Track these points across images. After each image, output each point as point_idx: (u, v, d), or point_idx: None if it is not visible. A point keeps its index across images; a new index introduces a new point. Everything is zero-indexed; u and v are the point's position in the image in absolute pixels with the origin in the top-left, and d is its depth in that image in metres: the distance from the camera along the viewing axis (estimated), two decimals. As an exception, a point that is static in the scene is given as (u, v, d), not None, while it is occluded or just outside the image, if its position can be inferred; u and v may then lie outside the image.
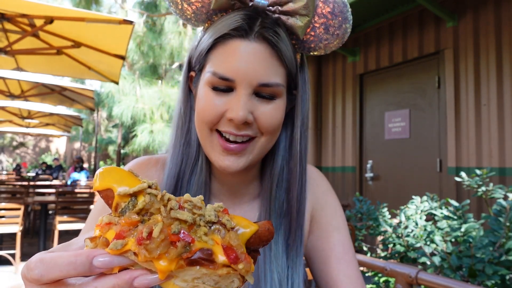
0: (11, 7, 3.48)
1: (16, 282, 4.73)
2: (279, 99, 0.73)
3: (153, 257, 0.35)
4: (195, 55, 0.77)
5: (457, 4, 4.44)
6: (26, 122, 10.06)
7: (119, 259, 0.36)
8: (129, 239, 0.36)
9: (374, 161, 5.47)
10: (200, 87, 0.74)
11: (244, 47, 0.68)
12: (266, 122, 0.71)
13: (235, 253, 0.39)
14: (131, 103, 10.87)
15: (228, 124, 0.70)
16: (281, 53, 0.70)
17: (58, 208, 5.45)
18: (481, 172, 2.99)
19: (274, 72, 0.70)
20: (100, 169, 0.42)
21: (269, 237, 0.43)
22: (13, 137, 25.86)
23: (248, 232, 0.42)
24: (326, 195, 0.90)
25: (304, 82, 0.80)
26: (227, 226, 0.41)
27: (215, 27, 0.72)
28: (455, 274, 2.31)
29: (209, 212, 0.41)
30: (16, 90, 6.69)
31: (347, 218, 3.76)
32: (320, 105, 6.56)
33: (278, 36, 0.70)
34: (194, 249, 0.37)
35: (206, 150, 0.74)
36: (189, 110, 0.81)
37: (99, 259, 0.36)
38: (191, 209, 0.40)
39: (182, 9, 0.77)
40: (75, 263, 0.36)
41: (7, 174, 14.46)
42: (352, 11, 0.84)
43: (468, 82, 4.27)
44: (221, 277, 0.38)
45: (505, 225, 2.32)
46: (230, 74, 0.68)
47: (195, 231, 0.39)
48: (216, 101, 0.70)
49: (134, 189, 0.39)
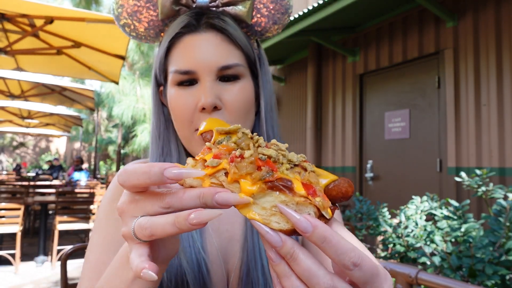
0: (11, 7, 3.48)
1: (16, 282, 4.73)
2: (244, 80, 0.75)
3: (241, 174, 0.40)
4: (157, 68, 0.80)
5: (457, 4, 4.44)
6: (26, 122, 10.06)
7: (188, 171, 0.41)
8: (224, 160, 0.42)
9: (374, 161, 5.47)
10: (168, 90, 0.77)
11: (196, 39, 0.73)
12: (234, 103, 0.73)
13: (313, 188, 0.41)
14: (131, 103, 10.88)
15: (202, 116, 0.72)
16: (232, 37, 0.74)
17: (58, 208, 5.45)
18: (481, 172, 2.99)
19: (231, 54, 0.73)
20: (206, 119, 0.51)
21: (348, 189, 0.43)
22: (13, 137, 25.86)
23: (327, 179, 0.44)
24: None
25: (263, 65, 0.83)
26: (308, 169, 0.43)
27: (166, 33, 0.77)
28: (455, 274, 2.31)
29: (292, 155, 0.44)
30: (16, 90, 6.70)
31: (347, 218, 3.76)
32: (320, 105, 6.56)
33: (224, 22, 0.74)
34: (276, 176, 0.41)
35: (193, 150, 0.76)
36: (163, 121, 0.83)
37: (171, 170, 0.40)
38: (276, 150, 0.44)
39: (135, 29, 0.81)
40: (149, 173, 0.40)
41: (7, 174, 14.46)
42: (352, 11, 0.84)
43: (468, 82, 4.26)
44: (298, 205, 0.40)
45: (505, 225, 2.32)
46: (190, 66, 0.72)
47: (278, 167, 0.42)
48: (185, 96, 0.73)
49: (230, 127, 0.46)
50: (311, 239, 0.38)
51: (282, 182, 0.40)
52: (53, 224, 5.42)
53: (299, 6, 7.04)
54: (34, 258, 5.59)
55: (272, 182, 0.40)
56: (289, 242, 0.39)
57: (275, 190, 0.40)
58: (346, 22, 5.52)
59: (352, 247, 0.38)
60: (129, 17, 0.80)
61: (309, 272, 0.38)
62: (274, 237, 0.39)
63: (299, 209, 0.40)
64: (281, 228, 0.40)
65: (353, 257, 0.38)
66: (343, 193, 0.43)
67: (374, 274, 0.39)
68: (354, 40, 5.90)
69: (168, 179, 0.40)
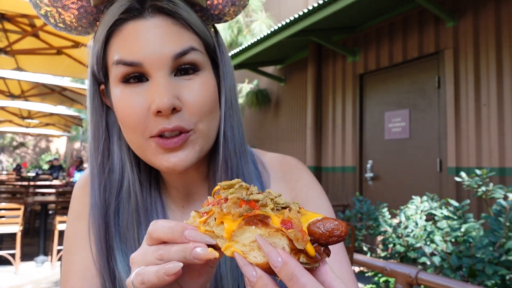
0: (11, 7, 3.48)
1: (16, 282, 4.73)
2: (204, 72, 0.63)
3: (224, 214, 0.43)
4: (94, 63, 0.66)
5: (457, 4, 4.44)
6: (26, 122, 10.06)
7: (201, 235, 0.44)
8: (214, 206, 0.45)
9: (374, 161, 5.47)
10: (112, 90, 0.64)
11: (141, 25, 0.60)
12: (196, 102, 0.61)
13: (290, 222, 0.41)
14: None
15: (158, 120, 0.59)
16: (185, 21, 0.62)
17: (58, 208, 5.45)
18: (481, 172, 2.99)
19: (184, 38, 0.61)
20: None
21: (341, 230, 0.39)
22: (13, 137, 25.86)
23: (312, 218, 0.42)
24: (308, 189, 0.78)
25: (223, 55, 0.71)
26: (292, 208, 0.43)
27: (103, 21, 0.62)
28: (455, 274, 2.31)
29: (280, 199, 0.45)
30: (16, 90, 6.70)
31: (347, 218, 3.76)
32: (320, 105, 6.57)
33: (174, 4, 0.61)
34: (255, 212, 0.42)
35: (149, 159, 0.64)
36: (104, 127, 0.69)
37: (189, 232, 0.43)
38: (266, 195, 0.45)
39: (61, 17, 0.66)
40: (173, 229, 0.44)
41: (7, 174, 14.46)
42: (352, 11, 0.81)
43: (468, 82, 4.27)
44: (270, 236, 0.40)
45: (505, 225, 2.32)
46: (136, 57, 0.59)
47: (261, 209, 0.43)
48: (134, 96, 0.60)
49: (232, 181, 0.47)
50: (280, 274, 0.38)
51: (259, 217, 0.41)
52: (53, 224, 5.43)
53: (299, 6, 7.05)
54: (34, 258, 5.59)
55: (250, 217, 0.41)
56: (264, 278, 0.39)
57: (252, 225, 0.41)
58: (346, 22, 5.52)
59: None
60: (51, 3, 0.64)
61: None
62: (250, 270, 0.39)
63: (272, 242, 0.40)
64: (257, 262, 0.40)
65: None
66: (335, 235, 0.39)
67: None
68: (354, 40, 5.90)
69: (185, 237, 0.44)
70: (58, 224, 5.28)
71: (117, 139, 0.70)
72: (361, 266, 3.15)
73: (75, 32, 0.69)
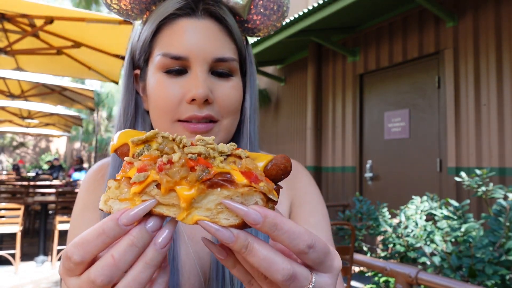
0: (11, 7, 3.48)
1: (16, 282, 4.73)
2: (236, 78, 0.71)
3: (175, 181, 0.37)
4: (138, 48, 0.72)
5: (457, 4, 4.44)
6: (26, 122, 10.06)
7: (141, 208, 0.37)
8: (151, 171, 0.38)
9: (373, 161, 5.47)
10: (150, 76, 0.70)
11: (192, 24, 0.67)
12: (226, 100, 0.68)
13: (254, 175, 0.39)
14: (131, 103, 10.84)
15: (189, 108, 0.66)
16: (230, 28, 0.69)
17: (58, 208, 5.45)
18: (481, 172, 2.99)
19: (227, 47, 0.69)
20: (117, 133, 0.43)
21: (286, 164, 0.41)
22: (13, 137, 25.85)
23: (264, 161, 0.41)
24: (306, 190, 0.82)
25: (251, 65, 0.79)
26: (242, 156, 0.41)
27: (157, 12, 0.69)
28: (455, 274, 2.31)
29: (221, 145, 0.42)
30: (16, 90, 6.70)
31: (347, 218, 3.76)
32: (320, 105, 6.57)
33: (224, 11, 0.69)
34: (213, 172, 0.38)
35: None
36: (132, 110, 0.74)
37: (123, 217, 0.37)
38: (203, 145, 0.41)
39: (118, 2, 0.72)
40: (104, 232, 0.37)
41: (7, 174, 14.45)
42: (352, 11, 0.83)
43: (468, 82, 4.27)
44: (243, 196, 0.38)
45: (505, 225, 2.32)
46: (183, 52, 0.65)
47: (211, 162, 0.39)
48: (172, 86, 0.66)
49: (147, 134, 0.40)
50: (263, 229, 0.37)
51: (221, 177, 0.38)
52: (53, 224, 5.42)
53: (299, 6, 7.05)
54: (34, 258, 5.59)
55: (211, 180, 0.38)
56: (242, 236, 0.37)
57: (216, 187, 0.38)
58: (346, 22, 5.52)
59: (304, 230, 0.38)
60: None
61: (267, 261, 0.37)
62: (225, 233, 0.37)
63: (245, 200, 0.38)
64: (231, 223, 0.38)
65: (307, 240, 0.38)
66: (282, 169, 0.41)
67: (326, 252, 0.40)
68: (354, 40, 5.90)
69: (125, 226, 0.37)
70: (58, 224, 5.28)
71: (141, 121, 0.76)
72: (361, 266, 3.15)
73: (124, 15, 0.74)
